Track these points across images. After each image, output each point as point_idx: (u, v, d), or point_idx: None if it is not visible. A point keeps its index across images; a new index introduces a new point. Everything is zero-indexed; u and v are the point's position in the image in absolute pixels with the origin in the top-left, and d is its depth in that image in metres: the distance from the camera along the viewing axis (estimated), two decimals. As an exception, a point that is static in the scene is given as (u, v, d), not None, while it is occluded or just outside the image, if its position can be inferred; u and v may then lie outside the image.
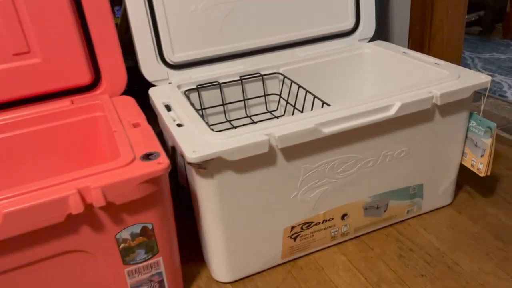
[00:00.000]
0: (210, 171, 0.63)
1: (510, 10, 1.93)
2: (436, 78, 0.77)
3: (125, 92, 0.83)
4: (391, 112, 0.69)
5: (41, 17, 0.73)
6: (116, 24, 1.01)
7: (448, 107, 0.75)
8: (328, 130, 0.66)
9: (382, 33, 1.24)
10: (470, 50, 1.79)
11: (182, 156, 0.61)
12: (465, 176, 0.95)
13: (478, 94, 1.35)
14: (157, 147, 0.62)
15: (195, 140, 0.62)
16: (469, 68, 1.60)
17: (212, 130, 0.64)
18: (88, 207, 0.54)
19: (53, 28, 0.74)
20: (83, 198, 0.53)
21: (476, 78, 0.75)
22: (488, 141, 0.77)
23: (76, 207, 0.53)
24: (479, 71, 1.56)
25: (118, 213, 0.58)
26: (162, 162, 0.57)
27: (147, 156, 0.59)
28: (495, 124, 0.76)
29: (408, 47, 1.20)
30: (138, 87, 0.87)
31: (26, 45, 0.73)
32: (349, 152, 0.71)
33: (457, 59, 1.20)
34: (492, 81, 1.47)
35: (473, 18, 2.11)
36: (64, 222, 0.54)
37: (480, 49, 1.79)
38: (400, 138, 0.74)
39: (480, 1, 2.12)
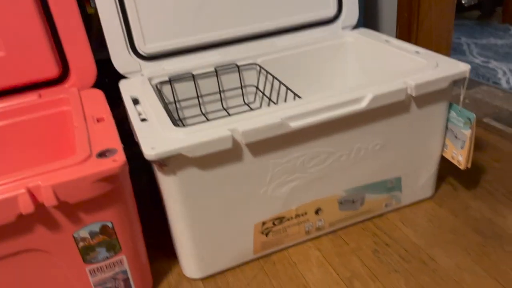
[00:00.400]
0: (172, 168, 0.61)
1: (510, -7, 1.87)
2: (413, 67, 0.74)
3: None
4: (362, 104, 0.66)
5: (3, 9, 0.71)
6: (91, 14, 0.98)
7: (425, 97, 0.72)
8: (295, 124, 0.63)
9: (371, 20, 1.20)
10: (467, 35, 1.74)
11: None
12: (449, 168, 0.92)
13: (470, 82, 1.32)
14: (116, 143, 0.60)
15: (156, 136, 0.60)
16: (465, 54, 1.56)
17: (178, 125, 0.62)
18: (40, 206, 0.53)
19: (16, 21, 0.72)
20: (33, 198, 0.52)
21: (454, 67, 0.72)
22: (468, 132, 0.74)
23: (26, 207, 0.51)
24: (474, 57, 1.52)
25: (74, 211, 0.56)
26: (118, 159, 0.56)
27: (104, 153, 0.57)
28: (475, 115, 0.73)
29: (396, 34, 1.17)
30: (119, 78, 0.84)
31: (-12, 38, 0.71)
32: (320, 146, 0.69)
33: (447, 45, 1.16)
34: (487, 67, 1.43)
35: (473, 2, 2.06)
36: (16, 222, 0.52)
37: (477, 34, 1.74)
38: (374, 130, 0.72)
39: (479, -15, 2.06)
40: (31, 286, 0.60)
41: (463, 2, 2.05)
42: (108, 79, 0.85)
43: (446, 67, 0.72)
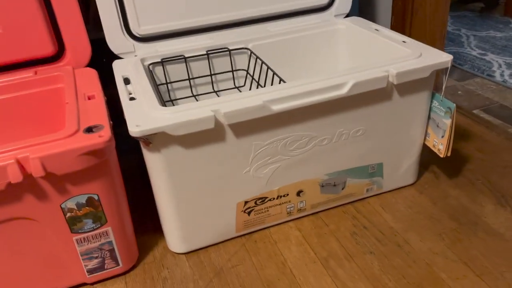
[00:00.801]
0: (156, 146, 0.63)
1: (514, -14, 1.86)
2: (397, 56, 0.76)
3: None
4: (344, 90, 0.68)
5: (1, -13, 0.73)
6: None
7: (407, 86, 0.74)
8: (277, 107, 0.66)
9: (367, 8, 1.21)
10: (467, 27, 1.74)
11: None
12: (432, 157, 0.94)
13: (465, 74, 1.33)
14: (104, 120, 0.63)
15: (142, 115, 0.63)
16: (463, 46, 1.57)
17: (166, 105, 0.65)
18: (28, 176, 0.56)
19: (13, -1, 0.74)
20: (22, 168, 0.55)
21: (437, 57, 0.73)
22: (448, 121, 0.76)
23: (15, 176, 0.54)
24: (472, 49, 1.52)
25: (61, 183, 0.59)
26: (104, 135, 0.58)
27: (91, 129, 0.60)
28: (455, 105, 0.75)
29: (391, 23, 1.18)
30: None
31: (-14, 15, 0.74)
32: (302, 130, 0.71)
33: (441, 36, 1.17)
34: (483, 60, 1.43)
35: (477, -6, 2.05)
36: (5, 190, 0.56)
37: (478, 26, 1.74)
38: (356, 116, 0.74)
39: (484, -24, 2.05)
40: (20, 253, 0.63)
41: (466, -7, 2.05)
42: (105, 59, 0.88)
43: (429, 57, 0.74)
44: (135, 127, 0.60)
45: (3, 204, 0.58)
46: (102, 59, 0.88)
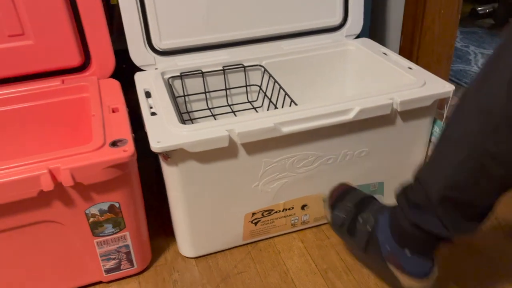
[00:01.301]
0: (174, 160, 0.69)
1: (524, 4, 1.89)
2: (402, 83, 0.80)
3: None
4: (350, 115, 0.73)
5: (34, 1, 0.78)
6: (114, 5, 1.06)
7: (410, 112, 0.79)
8: (287, 129, 0.71)
9: (377, 27, 1.25)
10: (476, 44, 1.78)
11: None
12: (433, 176, 0.99)
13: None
14: (127, 134, 0.68)
15: (163, 130, 0.68)
16: (470, 63, 1.60)
17: (184, 119, 0.70)
18: (58, 185, 0.62)
19: (45, 12, 0.80)
20: (53, 177, 0.60)
21: (440, 87, 0.78)
22: (447, 147, 0.81)
23: (47, 185, 0.60)
24: (478, 68, 1.56)
25: (87, 191, 0.65)
26: (127, 150, 0.64)
27: (116, 143, 0.65)
28: (454, 133, 0.79)
29: (400, 42, 1.22)
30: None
31: (20, 27, 0.79)
32: (309, 149, 0.76)
33: (448, 56, 1.22)
34: (488, 79, 1.47)
35: (487, 10, 2.08)
36: (37, 196, 0.61)
37: (486, 44, 1.78)
38: (360, 139, 0.79)
39: (496, -7, 2.08)
40: (46, 252, 0.69)
41: (478, 9, 2.08)
42: (125, 65, 0.93)
43: (433, 86, 0.79)
44: (156, 143, 0.65)
45: (33, 209, 0.64)
46: (121, 65, 0.93)
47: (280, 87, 0.86)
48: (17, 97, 0.81)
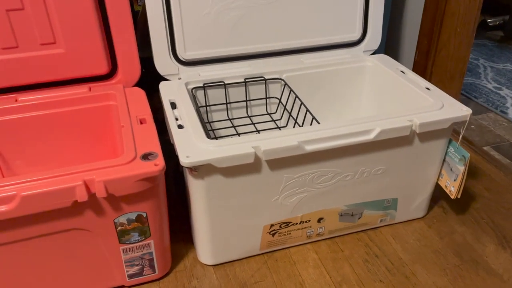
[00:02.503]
0: (200, 174, 0.71)
1: (535, 19, 1.91)
2: (420, 105, 0.83)
3: (144, 73, 0.91)
4: (371, 136, 0.76)
5: (67, 11, 0.81)
6: (138, 12, 1.08)
7: (427, 134, 0.82)
8: (310, 148, 0.73)
9: (393, 43, 1.28)
10: (485, 58, 1.80)
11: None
12: (443, 193, 1.02)
13: (479, 107, 1.39)
14: (156, 147, 0.70)
15: (190, 145, 0.71)
16: (479, 77, 1.63)
17: (208, 131, 0.72)
18: (92, 196, 0.64)
19: (77, 23, 0.82)
20: (88, 189, 0.63)
21: (457, 111, 0.81)
22: (461, 168, 0.84)
23: (82, 196, 0.63)
24: (488, 81, 1.59)
25: (117, 202, 0.67)
26: (158, 164, 0.66)
27: (147, 156, 0.68)
28: (469, 155, 0.82)
29: (414, 58, 1.25)
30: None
31: (52, 36, 0.81)
32: (329, 166, 0.79)
33: (461, 73, 1.24)
34: (498, 94, 1.50)
35: (498, 22, 2.10)
36: (71, 206, 0.64)
37: (495, 57, 1.80)
38: (378, 158, 0.81)
39: (506, 5, 2.10)
40: (74, 258, 0.72)
41: (488, 21, 2.10)
42: (145, 69, 0.96)
43: (450, 110, 0.81)
44: (185, 158, 0.68)
45: (65, 217, 0.66)
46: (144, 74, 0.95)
47: (302, 103, 0.88)
48: (46, 103, 0.83)
